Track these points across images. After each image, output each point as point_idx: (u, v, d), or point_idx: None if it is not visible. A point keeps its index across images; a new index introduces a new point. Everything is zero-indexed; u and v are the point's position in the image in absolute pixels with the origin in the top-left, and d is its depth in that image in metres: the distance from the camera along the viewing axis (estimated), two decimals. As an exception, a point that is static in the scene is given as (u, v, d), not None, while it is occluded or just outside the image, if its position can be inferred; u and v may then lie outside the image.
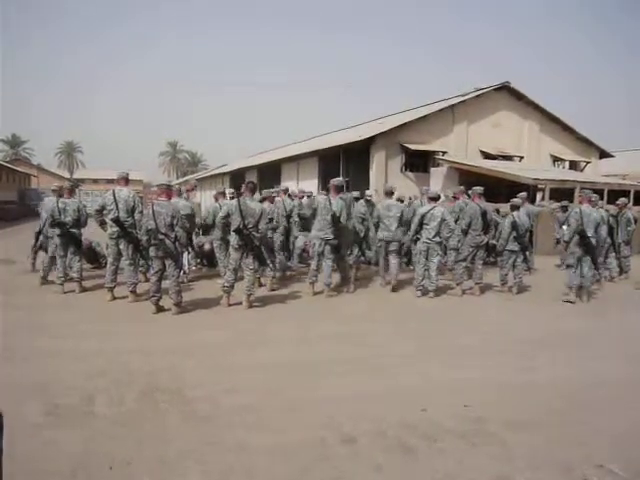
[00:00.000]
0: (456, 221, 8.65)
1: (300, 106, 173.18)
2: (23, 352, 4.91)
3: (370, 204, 9.77)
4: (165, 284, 6.74)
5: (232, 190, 10.71)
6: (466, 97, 21.49)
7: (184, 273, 8.90)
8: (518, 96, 21.96)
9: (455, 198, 10.17)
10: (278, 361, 4.84)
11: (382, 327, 6.30)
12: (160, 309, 6.75)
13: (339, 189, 8.24)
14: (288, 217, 9.61)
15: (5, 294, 7.70)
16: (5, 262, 11.17)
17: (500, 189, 16.33)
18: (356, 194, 10.34)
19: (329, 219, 7.89)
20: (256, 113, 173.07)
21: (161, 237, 6.59)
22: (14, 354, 4.85)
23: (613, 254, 10.26)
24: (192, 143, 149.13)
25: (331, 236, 7.94)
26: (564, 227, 8.39)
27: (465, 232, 8.57)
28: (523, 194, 10.18)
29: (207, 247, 9.85)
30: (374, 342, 5.58)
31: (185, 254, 8.63)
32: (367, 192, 10.81)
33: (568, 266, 8.05)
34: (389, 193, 8.99)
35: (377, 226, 8.88)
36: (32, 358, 4.74)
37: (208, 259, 10.34)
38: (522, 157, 22.12)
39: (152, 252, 6.70)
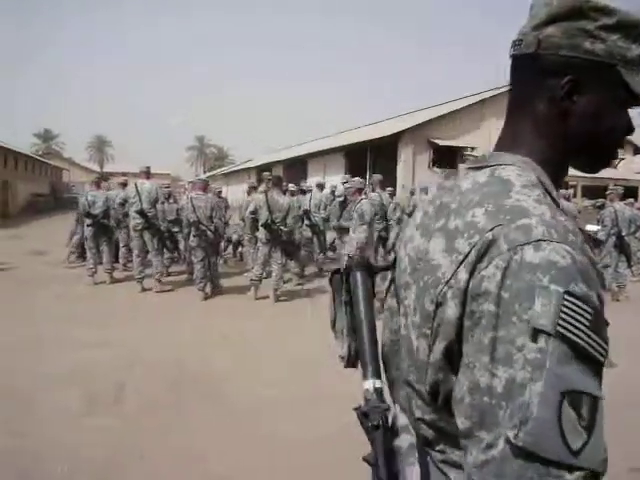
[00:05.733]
0: None
1: (330, 99, 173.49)
2: (57, 342, 5.00)
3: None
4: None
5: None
6: (497, 92, 21.09)
7: (224, 262, 9.76)
8: (551, 91, 21.45)
9: None
10: (307, 354, 4.82)
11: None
12: (207, 296, 7.21)
13: (382, 183, 9.08)
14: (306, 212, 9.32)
15: (39, 285, 7.87)
16: (39, 253, 11.43)
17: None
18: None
19: (382, 214, 8.42)
20: (287, 107, 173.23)
21: (203, 228, 7.07)
22: (48, 344, 4.94)
23: None
24: (219, 138, 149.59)
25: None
26: (599, 227, 8.16)
27: None
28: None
29: (235, 237, 10.30)
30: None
31: (221, 243, 9.11)
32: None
33: (605, 266, 7.86)
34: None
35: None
36: (66, 348, 4.81)
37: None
38: (553, 153, 21.63)
39: (195, 242, 7.17)
